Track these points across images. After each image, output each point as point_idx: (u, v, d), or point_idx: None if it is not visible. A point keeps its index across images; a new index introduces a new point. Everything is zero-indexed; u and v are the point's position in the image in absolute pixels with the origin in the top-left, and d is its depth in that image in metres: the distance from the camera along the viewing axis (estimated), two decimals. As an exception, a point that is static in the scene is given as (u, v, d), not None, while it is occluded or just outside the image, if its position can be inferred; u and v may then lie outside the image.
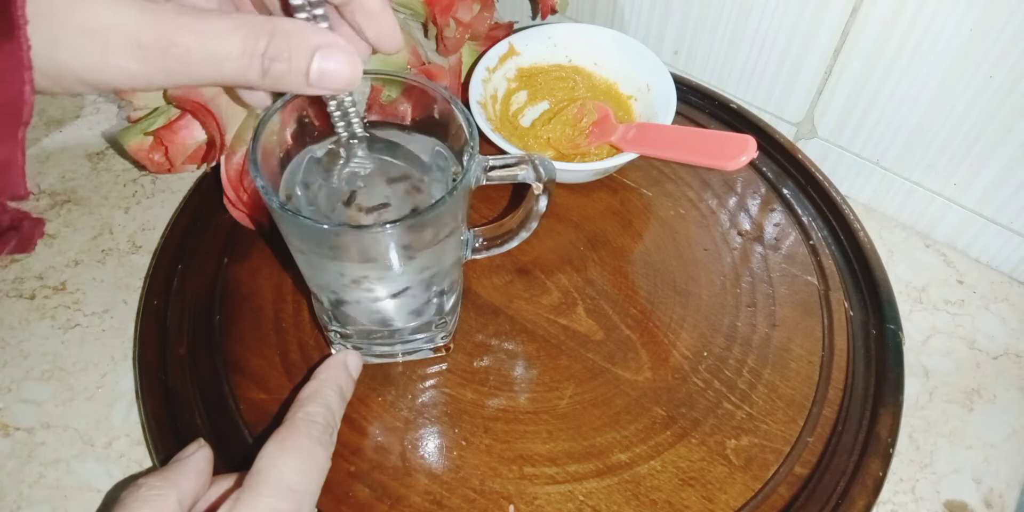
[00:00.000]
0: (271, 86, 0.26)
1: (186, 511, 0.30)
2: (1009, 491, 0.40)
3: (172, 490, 0.29)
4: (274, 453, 0.30)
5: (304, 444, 0.30)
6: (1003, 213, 0.47)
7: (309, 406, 0.33)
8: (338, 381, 0.35)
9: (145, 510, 0.28)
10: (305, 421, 0.32)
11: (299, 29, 0.26)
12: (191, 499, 0.30)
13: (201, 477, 0.31)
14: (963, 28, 0.41)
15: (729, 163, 0.41)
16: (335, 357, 0.37)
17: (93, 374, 0.43)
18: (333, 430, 0.33)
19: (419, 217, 0.30)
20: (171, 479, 0.30)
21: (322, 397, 0.34)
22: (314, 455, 0.30)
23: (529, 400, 0.40)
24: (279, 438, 0.30)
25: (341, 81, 0.27)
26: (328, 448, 0.32)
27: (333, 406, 0.34)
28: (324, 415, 0.32)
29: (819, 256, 0.46)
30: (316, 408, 0.33)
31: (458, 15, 0.45)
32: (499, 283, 0.45)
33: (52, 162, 0.54)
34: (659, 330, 0.43)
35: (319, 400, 0.33)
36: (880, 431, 0.39)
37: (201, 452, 0.33)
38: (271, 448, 0.30)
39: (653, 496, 0.37)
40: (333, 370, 0.36)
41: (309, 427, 0.31)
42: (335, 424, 0.33)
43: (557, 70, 0.53)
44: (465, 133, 0.33)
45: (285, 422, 0.32)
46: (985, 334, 0.46)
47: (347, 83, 0.28)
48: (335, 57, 0.27)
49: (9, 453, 0.40)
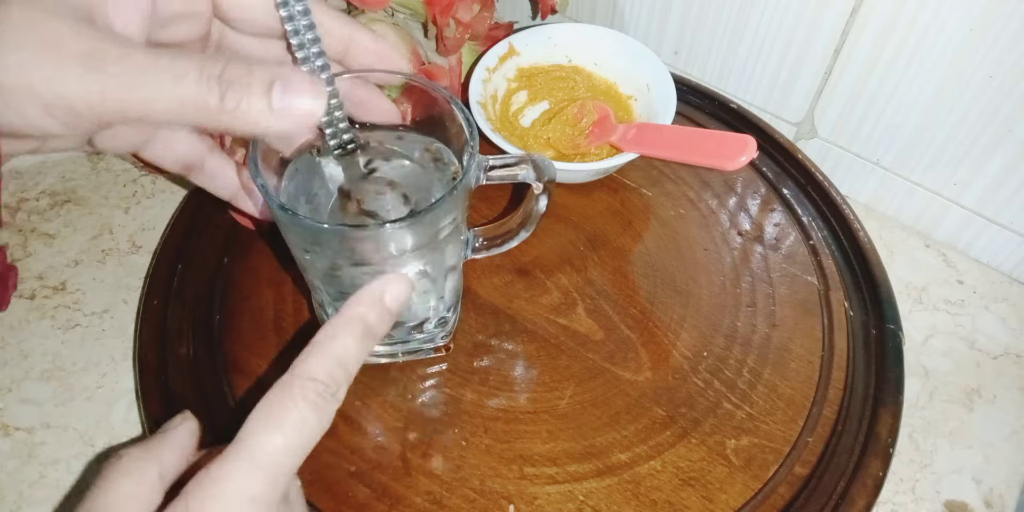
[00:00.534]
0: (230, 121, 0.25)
1: (167, 484, 0.28)
2: (1009, 491, 0.40)
3: (154, 463, 0.28)
4: (258, 421, 0.27)
5: (292, 414, 0.26)
6: (1003, 213, 0.47)
7: (312, 358, 0.28)
8: (365, 318, 0.29)
9: (125, 482, 0.27)
10: (301, 380, 0.27)
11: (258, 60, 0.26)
12: (173, 472, 0.29)
13: (185, 450, 0.30)
14: (963, 28, 0.41)
15: (729, 163, 0.41)
16: (373, 284, 0.30)
17: (93, 374, 0.44)
18: (340, 386, 0.28)
19: (419, 217, 0.30)
20: (153, 451, 0.28)
21: (334, 345, 0.28)
22: (304, 425, 0.27)
23: (529, 400, 0.40)
24: (267, 402, 0.27)
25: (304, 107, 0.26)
26: (326, 411, 0.27)
27: (347, 354, 0.28)
28: (328, 369, 0.28)
29: (819, 256, 0.46)
30: (319, 361, 0.28)
31: (458, 15, 0.45)
32: (499, 283, 0.45)
33: (52, 162, 0.54)
34: (659, 330, 0.43)
35: (327, 350, 0.28)
36: (880, 431, 0.39)
37: (186, 424, 0.31)
38: (256, 414, 0.27)
39: (653, 496, 0.37)
40: (363, 305, 0.29)
41: (304, 388, 0.27)
42: (345, 378, 0.28)
43: (557, 70, 0.53)
44: (465, 133, 0.33)
45: (282, 379, 0.27)
46: (985, 334, 0.46)
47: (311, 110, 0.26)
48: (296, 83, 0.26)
49: (9, 453, 0.40)
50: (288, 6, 0.28)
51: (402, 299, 0.31)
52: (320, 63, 0.30)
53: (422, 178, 0.35)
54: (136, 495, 0.27)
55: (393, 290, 0.30)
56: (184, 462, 0.30)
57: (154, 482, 0.28)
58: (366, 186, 0.34)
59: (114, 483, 0.27)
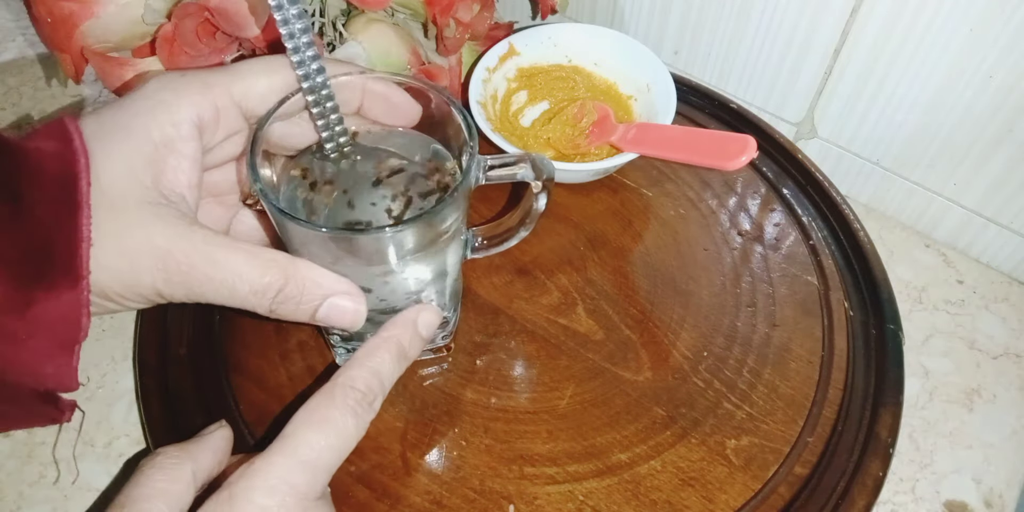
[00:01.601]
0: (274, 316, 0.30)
1: (200, 483, 0.30)
2: (1009, 491, 0.40)
3: (188, 461, 0.30)
4: (301, 422, 0.29)
5: (333, 415, 0.29)
6: (1003, 213, 0.47)
7: (353, 369, 0.31)
8: (400, 340, 0.33)
9: (159, 476, 0.29)
10: (342, 387, 0.30)
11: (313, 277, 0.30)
12: (206, 473, 0.31)
13: (218, 455, 0.32)
14: (963, 28, 0.41)
15: (729, 163, 0.41)
16: (406, 312, 0.34)
17: (93, 374, 0.44)
18: (376, 397, 0.31)
19: (419, 219, 0.30)
20: (190, 451, 0.30)
21: (372, 359, 0.31)
22: (342, 428, 0.29)
23: (529, 400, 0.40)
24: (310, 406, 0.29)
25: (344, 324, 0.31)
26: (363, 418, 0.30)
27: (384, 370, 0.31)
28: (367, 380, 0.31)
29: (819, 256, 0.46)
30: (360, 372, 0.31)
31: (458, 15, 0.45)
32: (499, 283, 0.45)
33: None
34: (659, 330, 0.43)
35: (368, 362, 0.31)
36: (880, 431, 0.39)
37: (221, 431, 0.33)
38: (300, 415, 0.29)
39: (653, 496, 0.37)
40: (398, 328, 0.33)
41: (345, 395, 0.30)
42: (381, 390, 0.31)
43: (557, 70, 0.53)
44: (464, 133, 0.33)
45: (324, 386, 0.30)
46: (985, 334, 0.46)
47: (350, 325, 0.31)
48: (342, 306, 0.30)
49: (9, 453, 0.41)
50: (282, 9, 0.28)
51: (432, 327, 0.35)
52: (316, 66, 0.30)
53: (421, 179, 0.35)
54: (169, 490, 0.28)
55: (424, 318, 0.34)
56: (217, 464, 0.32)
57: (188, 480, 0.29)
58: (364, 187, 0.34)
59: (149, 478, 0.29)
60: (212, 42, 0.42)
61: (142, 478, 0.29)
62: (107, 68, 0.43)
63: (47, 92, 0.58)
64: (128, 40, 0.42)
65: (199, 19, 0.40)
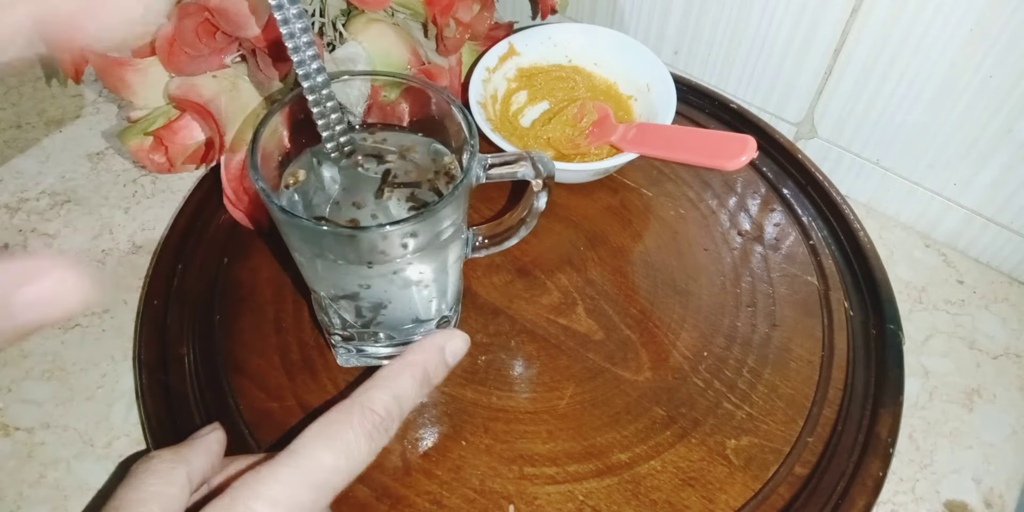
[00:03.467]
0: None
1: (194, 486, 0.30)
2: (1009, 491, 0.40)
3: (183, 464, 0.29)
4: (313, 437, 0.28)
5: (348, 436, 0.28)
6: (1003, 213, 0.47)
7: (375, 391, 0.30)
8: (426, 365, 0.31)
9: (153, 479, 0.28)
10: (361, 408, 0.29)
11: None
12: (200, 476, 0.30)
13: (212, 457, 0.32)
14: (963, 28, 0.41)
15: (729, 163, 0.41)
16: (435, 336, 0.33)
17: (93, 374, 0.43)
18: (394, 421, 0.30)
19: (419, 218, 0.30)
20: (183, 454, 0.30)
21: (395, 383, 0.30)
22: (355, 449, 0.28)
23: (529, 400, 0.40)
24: (326, 421, 0.28)
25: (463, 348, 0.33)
26: (377, 442, 0.29)
27: (405, 394, 0.30)
28: (387, 404, 0.29)
29: (819, 256, 0.46)
30: (381, 394, 0.29)
31: (458, 15, 0.45)
32: (499, 283, 0.45)
33: (52, 162, 0.54)
34: (659, 330, 0.43)
35: (390, 385, 0.30)
36: (880, 431, 0.39)
37: (215, 434, 0.33)
38: (314, 429, 0.28)
39: (653, 496, 0.37)
40: (425, 353, 0.32)
41: (363, 416, 0.29)
42: (399, 414, 0.30)
43: (557, 70, 0.53)
44: (464, 131, 0.33)
45: (343, 403, 0.29)
46: (985, 334, 0.46)
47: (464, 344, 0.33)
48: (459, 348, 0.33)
49: (9, 453, 0.40)
50: (283, 9, 0.28)
51: (460, 356, 0.33)
52: (316, 66, 0.30)
53: (421, 179, 0.35)
54: (164, 493, 0.28)
55: (452, 346, 0.33)
56: (211, 467, 0.31)
57: (182, 483, 0.29)
58: (365, 186, 0.34)
59: (143, 481, 0.28)
60: (212, 42, 0.42)
61: (136, 481, 0.28)
62: (107, 68, 0.43)
63: (47, 92, 0.58)
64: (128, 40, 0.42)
65: (199, 19, 0.40)
